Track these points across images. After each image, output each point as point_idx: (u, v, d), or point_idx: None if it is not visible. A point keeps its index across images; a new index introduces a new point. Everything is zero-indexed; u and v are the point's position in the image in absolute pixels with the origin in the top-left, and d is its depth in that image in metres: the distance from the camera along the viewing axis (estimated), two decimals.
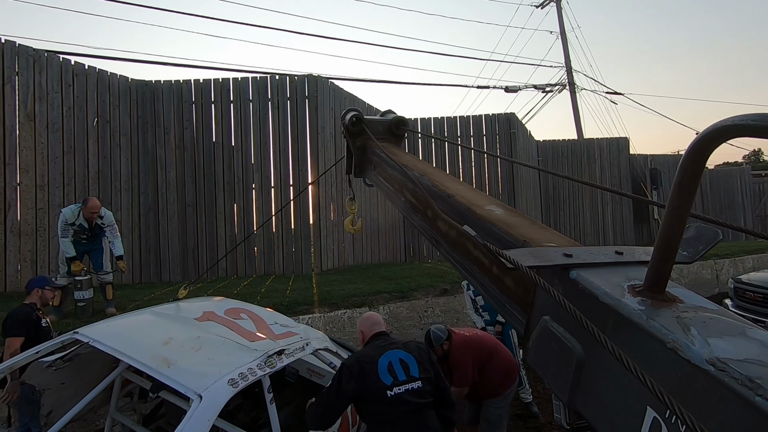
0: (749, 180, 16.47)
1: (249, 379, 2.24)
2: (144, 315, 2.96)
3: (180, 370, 2.19)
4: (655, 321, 0.83)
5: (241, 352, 2.44)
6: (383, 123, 2.46)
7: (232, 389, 2.14)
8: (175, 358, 2.27)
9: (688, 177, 0.82)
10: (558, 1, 17.18)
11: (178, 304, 3.22)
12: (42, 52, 6.59)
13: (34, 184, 6.35)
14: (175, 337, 2.49)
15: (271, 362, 2.44)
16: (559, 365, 0.99)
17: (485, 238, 1.29)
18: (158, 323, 2.79)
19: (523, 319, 1.18)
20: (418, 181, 1.79)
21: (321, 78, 8.31)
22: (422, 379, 2.34)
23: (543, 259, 1.04)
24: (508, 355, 3.54)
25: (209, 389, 2.08)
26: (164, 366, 2.20)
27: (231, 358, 2.35)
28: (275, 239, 8.02)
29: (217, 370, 2.21)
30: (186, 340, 2.48)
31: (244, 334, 2.68)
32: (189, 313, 2.93)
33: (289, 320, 3.31)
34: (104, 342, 2.41)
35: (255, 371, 2.32)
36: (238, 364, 2.30)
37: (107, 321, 2.86)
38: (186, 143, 8.02)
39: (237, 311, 3.04)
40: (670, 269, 0.91)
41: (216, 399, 2.07)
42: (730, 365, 0.70)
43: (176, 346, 2.40)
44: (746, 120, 0.68)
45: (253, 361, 2.37)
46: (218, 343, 2.52)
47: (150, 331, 2.65)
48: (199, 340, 2.49)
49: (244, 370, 2.27)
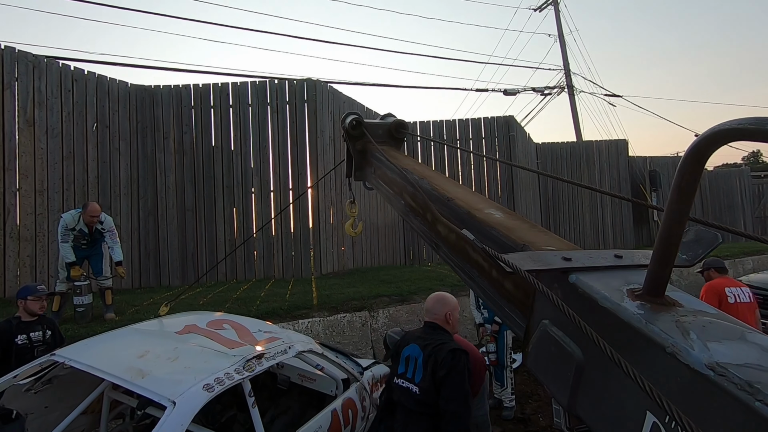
0: (748, 181, 16.50)
1: (226, 384, 2.25)
2: (123, 332, 2.94)
3: (154, 380, 2.19)
4: (655, 325, 0.82)
5: (219, 359, 2.44)
6: (383, 126, 2.46)
7: (207, 394, 2.14)
8: (150, 369, 2.27)
9: (687, 180, 0.81)
10: (556, 4, 17.25)
11: (161, 320, 3.21)
12: (41, 57, 6.60)
13: (34, 190, 6.35)
14: (151, 350, 2.49)
15: (250, 366, 2.44)
16: (558, 369, 0.99)
17: (484, 241, 1.29)
18: (136, 338, 2.77)
19: (523, 323, 1.17)
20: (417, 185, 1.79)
21: (320, 82, 8.33)
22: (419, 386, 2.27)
23: (542, 263, 1.04)
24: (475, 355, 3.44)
25: (183, 395, 2.07)
26: (138, 377, 2.20)
27: (208, 365, 2.35)
28: (275, 243, 8.01)
29: (193, 376, 2.21)
30: (163, 352, 2.47)
31: (224, 342, 2.67)
32: (170, 328, 2.92)
33: (274, 327, 3.31)
34: (79, 360, 2.41)
35: (232, 375, 2.31)
36: (214, 370, 2.30)
37: (86, 340, 2.84)
38: (185, 148, 8.02)
39: (220, 322, 3.04)
40: (669, 273, 0.90)
41: (190, 405, 2.07)
42: (729, 370, 0.69)
43: (152, 358, 2.40)
44: (744, 123, 0.69)
45: (231, 366, 2.37)
46: (196, 352, 2.52)
47: (127, 346, 2.64)
48: (176, 351, 2.49)
49: (220, 375, 2.27)
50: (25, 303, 3.28)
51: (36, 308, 3.30)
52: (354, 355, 4.10)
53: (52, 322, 3.53)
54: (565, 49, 17.05)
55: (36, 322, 3.33)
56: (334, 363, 3.21)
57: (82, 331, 4.40)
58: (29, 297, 3.29)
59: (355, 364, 3.61)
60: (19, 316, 3.29)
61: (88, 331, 4.36)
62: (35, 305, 3.30)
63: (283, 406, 3.45)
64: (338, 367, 3.23)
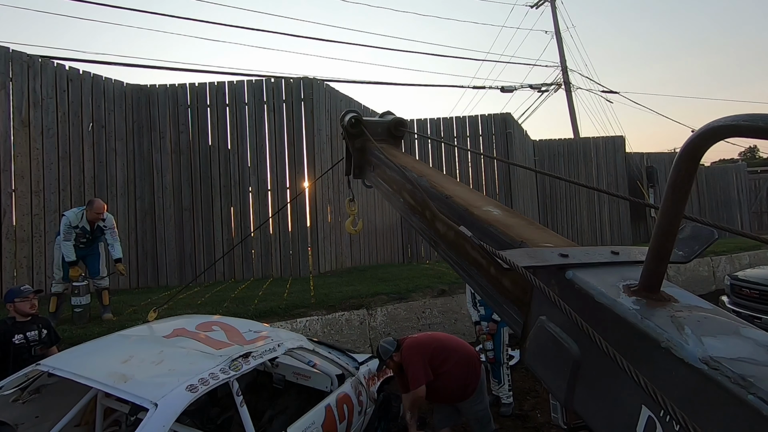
0: (745, 177, 16.58)
1: (210, 384, 2.26)
2: (110, 338, 2.94)
3: (136, 383, 2.20)
4: (650, 320, 0.83)
5: (205, 360, 2.45)
6: (382, 124, 2.46)
7: (191, 395, 2.15)
8: (133, 373, 2.28)
9: (682, 177, 0.82)
10: (553, 0, 17.25)
11: (150, 325, 3.20)
12: (36, 57, 6.57)
13: (30, 190, 6.33)
14: (135, 355, 2.49)
15: (236, 365, 2.45)
16: (555, 365, 1.00)
17: (483, 238, 1.29)
18: (122, 344, 2.77)
19: (521, 319, 1.18)
20: (416, 182, 1.79)
21: (316, 80, 8.31)
22: None
23: (539, 260, 1.04)
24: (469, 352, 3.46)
25: (165, 397, 2.08)
26: (120, 381, 2.21)
27: (193, 366, 2.36)
28: (272, 242, 8.01)
29: (176, 378, 2.22)
30: (147, 356, 2.48)
31: (212, 344, 2.68)
32: (159, 332, 2.92)
33: (265, 326, 3.32)
34: (62, 368, 2.41)
35: (218, 375, 2.32)
36: (199, 371, 2.30)
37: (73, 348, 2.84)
38: (182, 147, 8.00)
39: (209, 324, 3.04)
40: (664, 269, 0.91)
41: (172, 406, 2.08)
42: (723, 364, 0.70)
43: (136, 362, 2.40)
44: (738, 120, 0.69)
45: (216, 366, 2.38)
46: (181, 354, 2.52)
47: (111, 352, 2.64)
48: (161, 354, 2.50)
49: (205, 375, 2.28)
50: (14, 305, 3.29)
51: (27, 308, 3.30)
52: (350, 350, 4.12)
53: (46, 321, 3.56)
54: (562, 45, 17.07)
55: (31, 322, 3.35)
56: (326, 359, 3.21)
57: (79, 331, 4.39)
58: (16, 299, 3.29)
59: (350, 360, 3.61)
60: (14, 317, 3.30)
61: (85, 331, 4.35)
62: (25, 305, 3.30)
63: (281, 406, 3.46)
64: (331, 362, 3.23)
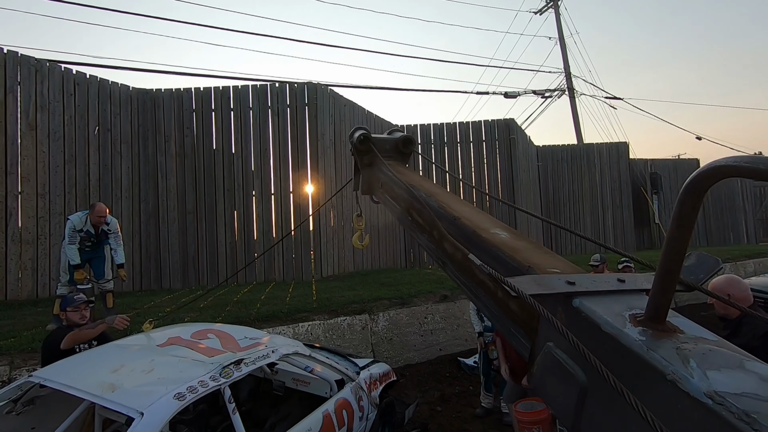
0: (750, 183, 16.51)
1: (199, 392, 2.25)
2: (103, 348, 2.93)
3: (123, 393, 2.19)
4: (656, 352, 0.84)
5: (196, 368, 2.44)
6: (390, 141, 2.49)
7: (178, 403, 2.15)
8: (122, 382, 2.27)
9: (686, 211, 0.83)
10: (557, 7, 17.27)
11: (146, 334, 3.18)
12: (44, 61, 6.62)
13: (35, 193, 6.37)
14: (126, 364, 2.49)
15: (227, 372, 2.44)
16: (562, 392, 1.01)
17: (490, 262, 1.30)
18: (114, 354, 2.76)
19: (528, 343, 1.19)
20: (425, 202, 1.80)
21: (320, 85, 8.35)
22: None
23: (546, 287, 1.05)
24: None
25: (151, 406, 2.08)
26: (108, 391, 2.20)
27: (183, 375, 2.35)
28: (275, 246, 8.03)
29: (164, 387, 2.22)
30: (138, 365, 2.47)
31: (205, 351, 2.67)
32: (153, 341, 2.91)
33: (261, 333, 3.31)
34: (53, 379, 2.41)
35: (207, 383, 2.32)
36: (188, 379, 2.30)
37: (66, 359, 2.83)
38: (186, 150, 8.05)
39: (204, 332, 3.03)
40: (670, 300, 0.92)
41: (159, 414, 2.07)
42: (727, 399, 0.71)
43: (126, 372, 2.40)
44: (739, 162, 0.73)
45: (207, 373, 2.37)
46: (172, 363, 2.51)
47: (102, 362, 2.63)
48: (152, 363, 2.49)
49: (194, 383, 2.28)
50: (66, 315, 3.23)
51: (76, 318, 3.20)
52: (352, 355, 4.10)
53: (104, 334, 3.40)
54: (566, 51, 17.09)
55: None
56: (324, 364, 3.20)
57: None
58: (68, 309, 3.22)
59: (351, 364, 3.59)
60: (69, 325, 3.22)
61: None
62: (75, 315, 3.21)
63: (284, 412, 3.45)
64: (329, 368, 3.22)
